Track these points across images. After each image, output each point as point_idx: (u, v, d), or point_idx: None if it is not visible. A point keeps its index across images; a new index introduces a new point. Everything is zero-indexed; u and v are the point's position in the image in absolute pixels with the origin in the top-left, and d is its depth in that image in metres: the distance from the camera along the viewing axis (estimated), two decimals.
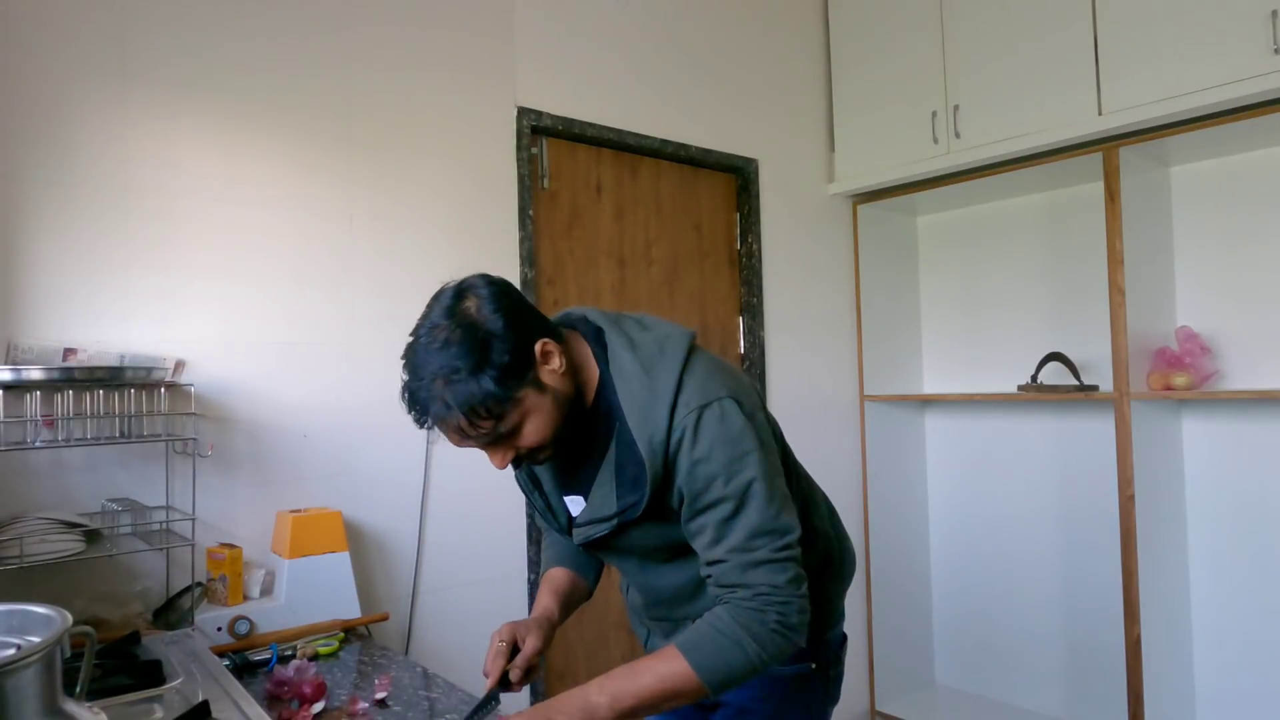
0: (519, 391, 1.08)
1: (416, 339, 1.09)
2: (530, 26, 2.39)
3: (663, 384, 1.14)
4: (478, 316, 1.07)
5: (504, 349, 1.06)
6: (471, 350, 1.05)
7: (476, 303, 1.08)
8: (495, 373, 1.05)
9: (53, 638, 0.82)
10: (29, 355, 1.60)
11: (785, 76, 3.07)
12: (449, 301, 1.09)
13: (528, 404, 1.09)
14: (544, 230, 2.44)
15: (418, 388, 1.07)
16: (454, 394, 1.04)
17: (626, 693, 1.08)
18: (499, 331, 1.06)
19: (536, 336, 1.11)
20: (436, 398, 1.05)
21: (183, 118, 1.81)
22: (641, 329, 1.22)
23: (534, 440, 1.12)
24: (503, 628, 1.22)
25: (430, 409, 1.07)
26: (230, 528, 1.81)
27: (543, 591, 1.36)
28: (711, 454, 1.11)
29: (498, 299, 1.09)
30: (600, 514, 1.21)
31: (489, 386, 1.04)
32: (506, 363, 1.06)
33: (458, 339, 1.05)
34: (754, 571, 1.11)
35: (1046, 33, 2.54)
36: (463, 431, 1.08)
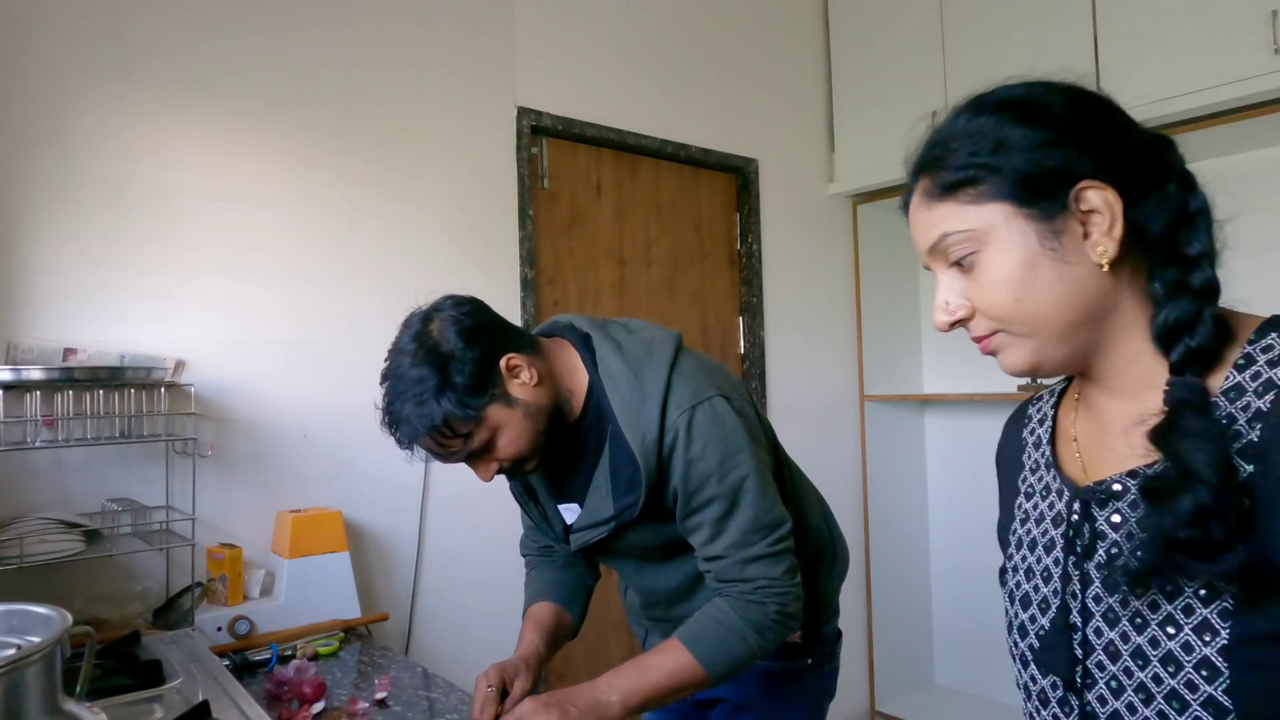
0: (482, 409, 1.11)
1: (388, 365, 1.14)
2: (530, 26, 2.39)
3: (651, 385, 1.15)
4: (438, 339, 1.11)
5: (463, 369, 1.09)
6: (432, 373, 1.09)
7: (440, 325, 1.12)
8: (455, 393, 1.09)
9: (53, 638, 0.82)
10: (29, 355, 1.60)
11: (785, 76, 3.07)
12: (416, 326, 1.13)
13: (495, 419, 1.12)
14: (544, 230, 2.44)
15: (390, 412, 1.12)
16: (420, 415, 1.09)
17: (636, 690, 1.10)
18: (457, 352, 1.10)
19: (501, 353, 1.13)
20: (405, 420, 1.10)
21: (182, 116, 1.81)
22: (628, 332, 1.24)
23: (511, 452, 1.15)
24: (489, 671, 1.18)
25: (401, 429, 1.11)
26: (230, 528, 1.81)
27: (527, 628, 1.32)
28: (705, 453, 1.13)
29: (460, 320, 1.13)
30: (597, 518, 1.22)
31: (449, 407, 1.08)
32: (465, 382, 1.09)
33: (420, 362, 1.09)
34: (752, 566, 1.14)
35: (1046, 32, 2.53)
36: (435, 451, 1.13)
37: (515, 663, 1.21)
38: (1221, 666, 0.56)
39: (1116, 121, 0.66)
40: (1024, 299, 0.64)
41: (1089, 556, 0.66)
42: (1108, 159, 0.63)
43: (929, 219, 0.68)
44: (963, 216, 0.66)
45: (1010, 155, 0.64)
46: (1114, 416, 0.68)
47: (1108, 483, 0.66)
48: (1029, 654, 0.71)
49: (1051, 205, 0.63)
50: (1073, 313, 0.64)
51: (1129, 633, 0.62)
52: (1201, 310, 0.62)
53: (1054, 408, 0.79)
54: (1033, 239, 0.63)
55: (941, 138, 0.68)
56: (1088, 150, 0.63)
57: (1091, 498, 0.67)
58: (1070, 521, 0.69)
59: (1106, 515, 0.66)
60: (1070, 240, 0.63)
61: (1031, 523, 0.75)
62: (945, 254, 0.67)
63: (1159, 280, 0.63)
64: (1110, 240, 0.62)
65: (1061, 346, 0.65)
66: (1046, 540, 0.72)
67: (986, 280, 0.65)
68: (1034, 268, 0.63)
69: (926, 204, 0.68)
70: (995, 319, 0.67)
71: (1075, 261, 0.63)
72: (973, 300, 0.67)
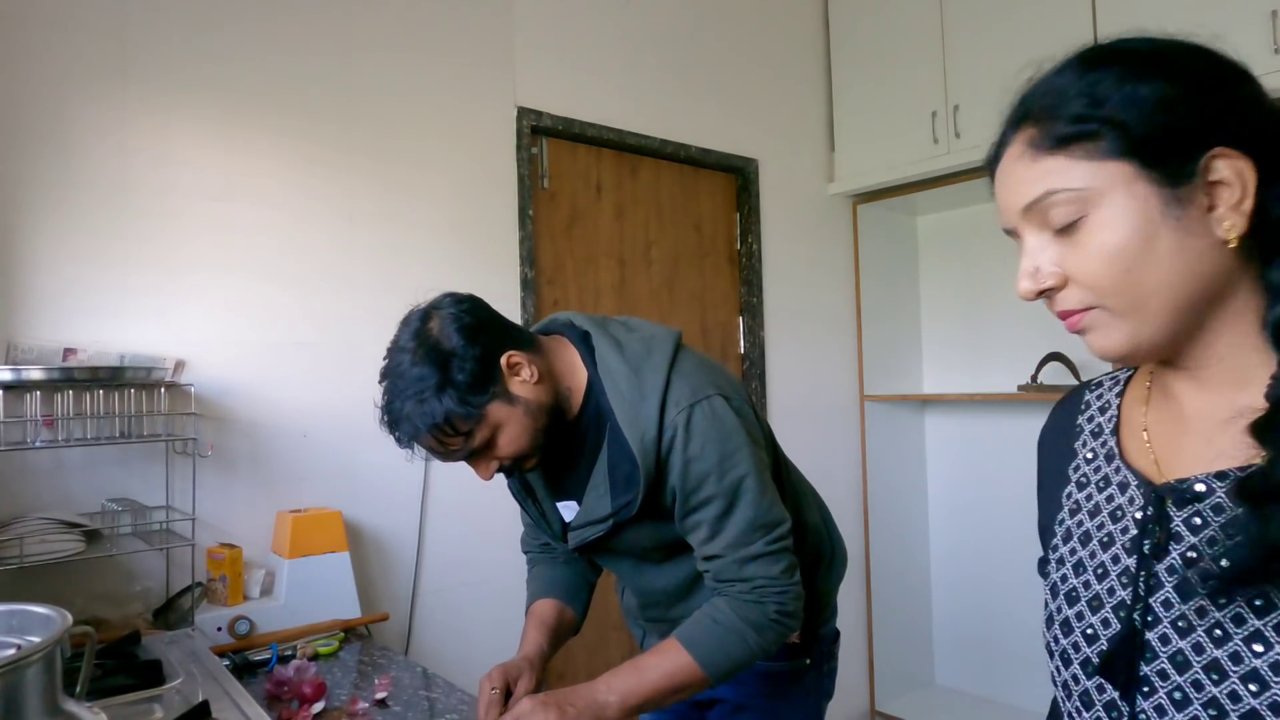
0: (483, 406, 1.10)
1: (387, 363, 1.13)
2: (530, 26, 2.39)
3: (650, 383, 1.15)
4: (439, 337, 1.10)
5: (464, 366, 1.09)
6: (433, 371, 1.08)
7: (439, 323, 1.12)
8: (456, 391, 1.08)
9: (53, 638, 0.82)
10: (29, 355, 1.60)
11: (785, 76, 3.07)
12: (415, 324, 1.13)
13: (495, 417, 1.12)
14: (544, 230, 2.44)
15: (390, 410, 1.11)
16: (420, 414, 1.08)
17: (634, 691, 1.10)
18: (458, 349, 1.09)
19: (502, 350, 1.13)
20: (406, 418, 1.09)
21: (182, 115, 1.81)
22: (627, 330, 1.24)
23: (511, 450, 1.14)
24: (493, 672, 1.17)
25: (401, 427, 1.11)
26: (230, 528, 1.81)
27: (530, 627, 1.32)
28: (704, 452, 1.13)
29: (460, 317, 1.12)
30: (595, 516, 1.22)
31: (450, 404, 1.08)
32: (466, 380, 1.08)
33: (421, 360, 1.09)
34: (751, 565, 1.14)
35: (1046, 32, 2.53)
36: (435, 449, 1.12)
37: (518, 663, 1.21)
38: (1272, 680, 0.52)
39: (1253, 89, 0.60)
40: (1136, 270, 0.57)
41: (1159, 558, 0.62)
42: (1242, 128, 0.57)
43: (1031, 173, 0.61)
44: (1076, 173, 0.59)
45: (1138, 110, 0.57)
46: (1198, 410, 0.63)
47: (1190, 482, 0.61)
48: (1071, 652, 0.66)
49: (1179, 170, 0.57)
50: (1188, 291, 0.58)
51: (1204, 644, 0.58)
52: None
53: (1119, 396, 0.73)
54: (1154, 205, 0.57)
55: (1054, 87, 0.62)
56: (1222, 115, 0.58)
57: (1170, 495, 0.62)
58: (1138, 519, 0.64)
59: (1185, 516, 0.61)
60: (1194, 212, 0.57)
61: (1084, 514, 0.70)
62: (1045, 214, 0.60)
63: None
64: (1239, 216, 0.56)
65: (1166, 329, 0.59)
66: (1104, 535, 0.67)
67: (1094, 246, 0.58)
68: (1152, 238, 0.57)
69: (1031, 156, 0.61)
70: (1096, 291, 0.59)
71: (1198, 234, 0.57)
72: (1069, 269, 0.60)
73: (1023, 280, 0.62)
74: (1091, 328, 0.61)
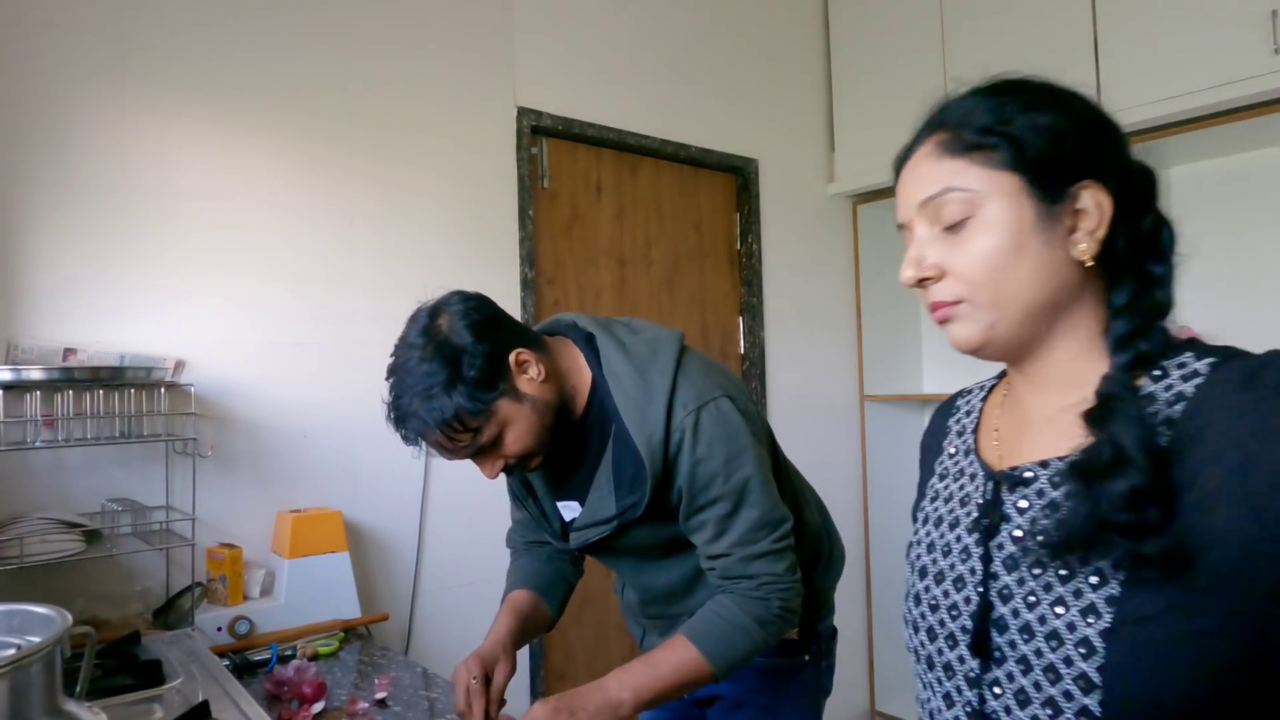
0: (492, 403, 1.10)
1: (395, 359, 1.13)
2: (530, 27, 2.39)
3: (657, 385, 1.16)
4: (449, 333, 1.11)
5: (474, 363, 1.09)
6: (443, 366, 1.08)
7: (449, 319, 1.12)
8: (466, 387, 1.08)
9: (53, 638, 0.82)
10: (29, 355, 1.60)
11: (785, 76, 3.07)
12: (424, 321, 1.13)
13: (504, 414, 1.12)
14: (544, 230, 2.44)
15: (398, 406, 1.11)
16: (429, 410, 1.08)
17: (646, 686, 1.11)
18: (469, 346, 1.09)
19: (510, 347, 1.13)
20: (414, 414, 1.09)
21: (182, 117, 1.81)
22: (631, 332, 1.25)
23: (518, 449, 1.15)
24: (470, 661, 1.16)
25: (411, 426, 1.10)
26: (230, 528, 1.81)
27: (502, 613, 1.31)
28: (711, 453, 1.14)
29: (469, 314, 1.12)
30: (599, 516, 1.22)
31: (461, 400, 1.08)
32: (476, 376, 1.09)
33: (430, 356, 1.09)
34: (756, 563, 1.16)
35: (1046, 33, 2.53)
36: (443, 446, 1.12)
37: (493, 649, 1.20)
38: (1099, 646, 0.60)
39: (1121, 141, 0.70)
40: (1004, 271, 0.66)
41: (992, 536, 0.71)
42: (1110, 168, 0.67)
43: (936, 170, 0.69)
44: (973, 176, 0.67)
45: (1034, 133, 0.66)
46: (1036, 409, 0.72)
47: (1020, 469, 0.70)
48: (937, 627, 0.74)
49: (1055, 192, 0.66)
50: (1041, 298, 0.67)
51: (1020, 609, 0.66)
52: (1154, 322, 0.67)
53: (982, 401, 0.82)
54: (1029, 218, 0.66)
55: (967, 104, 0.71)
56: (1097, 154, 0.67)
57: (1004, 481, 0.72)
58: (980, 504, 0.73)
59: (1014, 500, 0.70)
60: (1059, 230, 0.66)
61: (940, 501, 0.79)
62: (939, 210, 0.69)
63: (1125, 290, 0.68)
64: (1093, 241, 0.66)
65: (1018, 328, 0.68)
66: (953, 518, 0.76)
67: (974, 245, 0.67)
68: (1023, 245, 0.66)
69: (938, 156, 0.69)
70: (968, 285, 0.68)
71: (1058, 249, 0.66)
72: (949, 263, 0.68)
73: (907, 268, 0.71)
74: (956, 318, 0.70)
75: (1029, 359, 0.71)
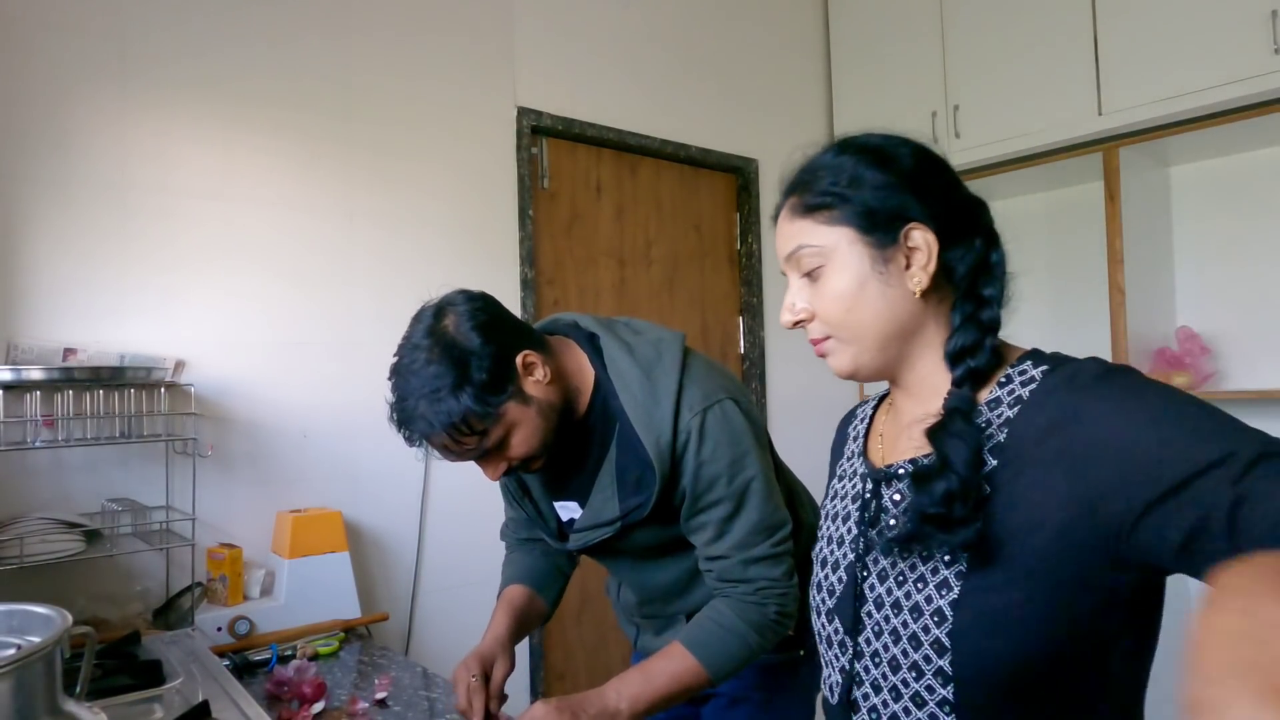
0: (500, 406, 1.09)
1: (400, 360, 1.11)
2: (530, 26, 2.39)
3: (664, 387, 1.16)
4: (456, 334, 1.09)
5: (482, 365, 1.07)
6: (450, 368, 1.06)
7: (455, 320, 1.10)
8: (474, 389, 1.06)
9: (53, 638, 0.82)
10: (29, 355, 1.60)
11: (785, 76, 3.07)
12: (429, 321, 1.11)
13: (511, 417, 1.11)
14: (544, 230, 2.44)
15: (403, 408, 1.09)
16: (436, 412, 1.06)
17: (642, 695, 1.11)
18: (476, 348, 1.08)
19: (517, 349, 1.12)
20: (420, 416, 1.07)
21: (182, 117, 1.81)
22: (634, 333, 1.24)
23: (523, 451, 1.14)
24: (469, 660, 1.18)
25: (416, 428, 1.08)
26: (230, 528, 1.81)
27: (499, 609, 1.31)
28: (716, 455, 1.14)
29: (475, 315, 1.10)
30: (602, 518, 1.22)
31: (469, 403, 1.06)
32: (485, 379, 1.07)
33: (437, 358, 1.07)
34: (754, 567, 1.16)
35: (1046, 33, 2.54)
36: (449, 449, 1.10)
37: (491, 647, 1.22)
38: (949, 614, 0.70)
39: (947, 180, 0.80)
40: (854, 310, 0.78)
41: (874, 526, 0.82)
42: (935, 208, 0.77)
43: (790, 230, 0.81)
44: (817, 234, 0.79)
45: (861, 191, 0.77)
46: (909, 415, 0.81)
47: (894, 467, 0.81)
48: (821, 606, 0.85)
49: (885, 237, 0.77)
50: (888, 327, 0.78)
51: (892, 588, 0.76)
52: (984, 339, 0.76)
53: (874, 410, 0.94)
54: (866, 262, 0.77)
55: (811, 166, 0.82)
56: (921, 198, 0.77)
57: (881, 478, 0.82)
58: (864, 499, 0.84)
59: (890, 494, 0.81)
60: (895, 268, 0.77)
61: (838, 499, 0.90)
62: (798, 263, 0.80)
63: (958, 311, 0.78)
64: (924, 274, 0.76)
65: (877, 355, 0.80)
66: (845, 512, 0.87)
67: (827, 291, 0.79)
68: (864, 286, 0.77)
69: (790, 218, 0.81)
70: (830, 324, 0.80)
71: (896, 286, 0.77)
72: (814, 306, 0.81)
73: (784, 313, 0.83)
74: (829, 352, 0.82)
75: (898, 376, 0.82)
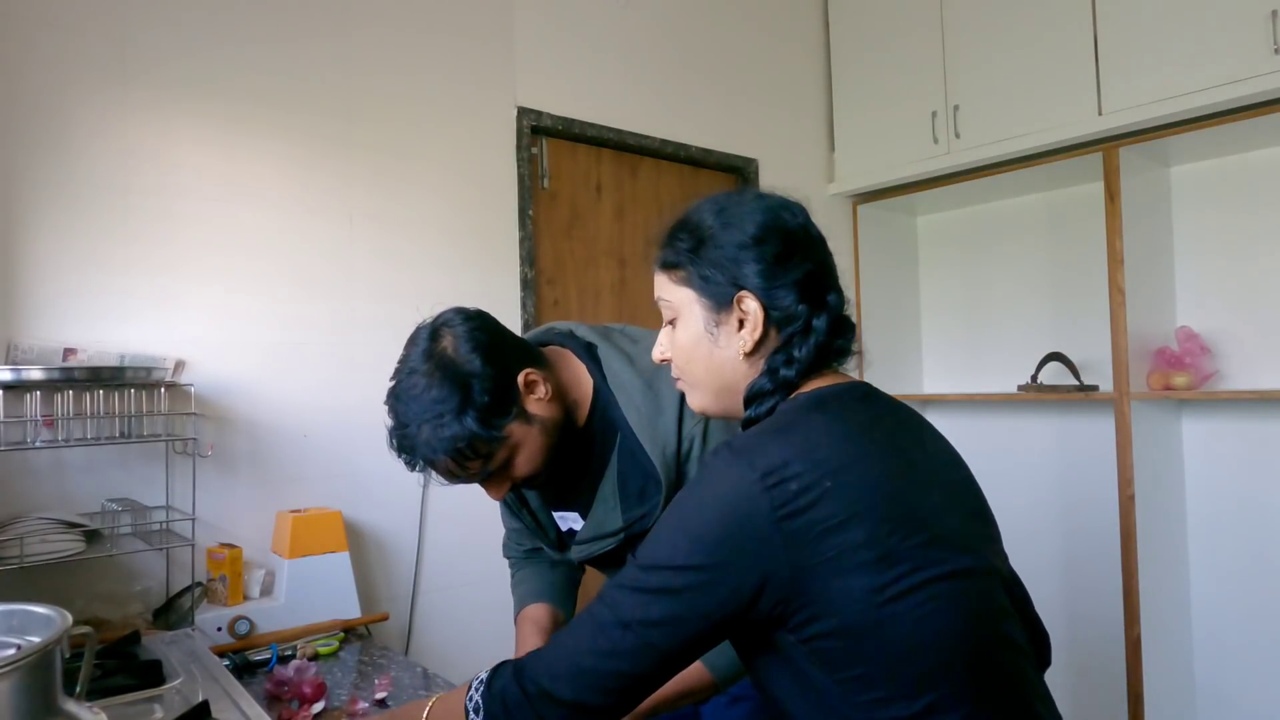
0: (504, 428, 1.07)
1: (397, 384, 1.08)
2: (530, 27, 2.39)
3: (666, 395, 1.15)
4: (455, 357, 1.06)
5: (484, 388, 1.05)
6: (452, 392, 1.04)
7: (453, 341, 1.07)
8: (478, 413, 1.04)
9: (53, 638, 0.82)
10: (29, 355, 1.60)
11: (785, 76, 3.07)
12: (425, 344, 1.08)
13: (515, 438, 1.09)
14: (544, 230, 2.44)
15: (403, 434, 1.06)
16: (440, 439, 1.04)
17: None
18: (478, 370, 1.05)
19: (518, 368, 1.10)
20: (423, 443, 1.05)
21: (183, 118, 1.81)
22: (631, 342, 1.23)
23: (526, 470, 1.12)
24: None
25: (416, 452, 1.06)
26: (230, 528, 1.81)
27: (528, 631, 1.29)
28: None
29: (473, 335, 1.08)
30: (604, 530, 1.20)
31: (473, 427, 1.04)
32: (488, 402, 1.05)
33: (438, 382, 1.04)
34: None
35: (1046, 33, 2.54)
36: (452, 473, 1.09)
37: None
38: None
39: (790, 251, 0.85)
40: (691, 362, 0.89)
41: None
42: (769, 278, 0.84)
43: (656, 281, 0.92)
44: (669, 289, 0.90)
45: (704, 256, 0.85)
46: None
47: None
48: None
49: (719, 301, 0.85)
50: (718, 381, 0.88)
51: None
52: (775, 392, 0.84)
53: None
54: (701, 322, 0.86)
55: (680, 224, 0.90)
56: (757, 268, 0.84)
57: None
58: None
59: None
60: (727, 330, 0.86)
61: None
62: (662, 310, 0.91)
63: (770, 359, 0.85)
64: (750, 339, 0.84)
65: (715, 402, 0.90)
66: None
67: (676, 340, 0.90)
68: (698, 343, 0.87)
69: (657, 269, 0.92)
70: (677, 369, 0.92)
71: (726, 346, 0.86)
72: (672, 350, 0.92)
73: (655, 349, 0.94)
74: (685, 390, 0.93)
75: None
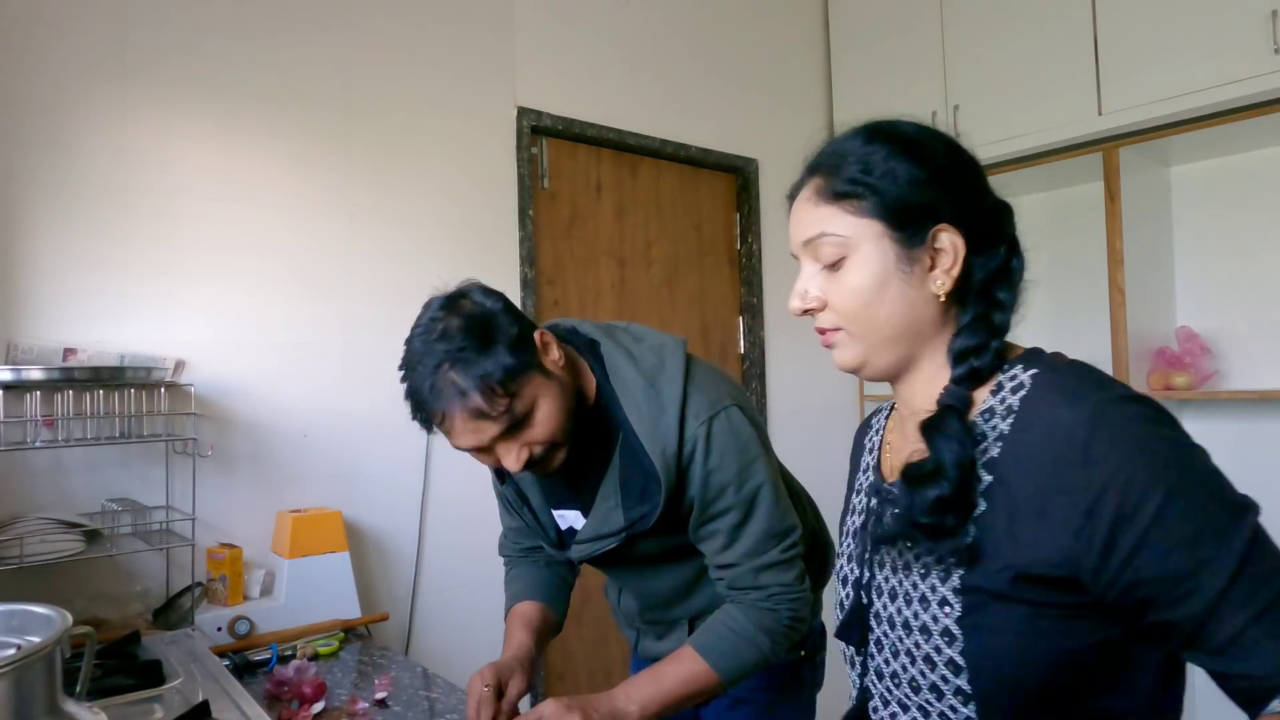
0: (529, 369, 1.05)
1: (413, 337, 1.07)
2: (530, 26, 2.39)
3: (669, 395, 1.15)
4: (475, 307, 1.07)
5: (510, 322, 1.06)
6: (475, 331, 1.03)
7: (471, 299, 1.09)
8: (507, 343, 1.03)
9: (53, 638, 0.83)
10: (29, 355, 1.60)
11: (785, 76, 3.07)
12: (443, 300, 1.09)
13: (538, 384, 1.07)
14: (544, 230, 2.44)
15: (423, 381, 1.03)
16: (465, 373, 1.01)
17: (653, 699, 1.10)
18: (500, 311, 1.07)
19: (534, 327, 1.12)
20: (448, 383, 1.02)
21: (182, 117, 1.81)
22: (634, 340, 1.23)
23: (546, 430, 1.08)
24: (485, 671, 1.14)
25: (442, 396, 1.02)
26: (230, 528, 1.81)
27: (515, 628, 1.28)
28: (723, 463, 1.13)
29: (491, 292, 1.11)
30: (606, 529, 1.20)
31: (503, 358, 1.02)
32: (516, 333, 1.05)
33: (457, 326, 1.04)
34: (766, 574, 1.15)
35: (1046, 32, 2.53)
36: (480, 413, 1.03)
37: (509, 663, 1.19)
38: (956, 632, 0.69)
39: (979, 181, 0.78)
40: (871, 306, 0.75)
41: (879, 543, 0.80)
42: (965, 210, 0.75)
43: (813, 215, 0.78)
44: (842, 223, 0.76)
45: (893, 183, 0.74)
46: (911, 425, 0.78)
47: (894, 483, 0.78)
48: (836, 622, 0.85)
49: (913, 235, 0.74)
50: (903, 328, 0.75)
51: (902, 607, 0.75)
52: (990, 341, 0.74)
53: (886, 418, 0.91)
54: (891, 259, 0.74)
55: (840, 150, 0.79)
56: (952, 198, 0.75)
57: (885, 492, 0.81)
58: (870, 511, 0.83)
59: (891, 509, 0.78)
60: (919, 269, 0.74)
61: (853, 514, 0.89)
62: (817, 250, 0.77)
63: (969, 311, 0.75)
64: (948, 278, 0.74)
65: (887, 354, 0.77)
66: (855, 529, 0.86)
67: (846, 283, 0.76)
68: (885, 283, 0.74)
69: (815, 202, 0.78)
70: (843, 316, 0.77)
71: (917, 287, 0.75)
72: (828, 297, 0.77)
73: (794, 299, 0.79)
74: (837, 344, 0.79)
75: (902, 379, 0.79)
